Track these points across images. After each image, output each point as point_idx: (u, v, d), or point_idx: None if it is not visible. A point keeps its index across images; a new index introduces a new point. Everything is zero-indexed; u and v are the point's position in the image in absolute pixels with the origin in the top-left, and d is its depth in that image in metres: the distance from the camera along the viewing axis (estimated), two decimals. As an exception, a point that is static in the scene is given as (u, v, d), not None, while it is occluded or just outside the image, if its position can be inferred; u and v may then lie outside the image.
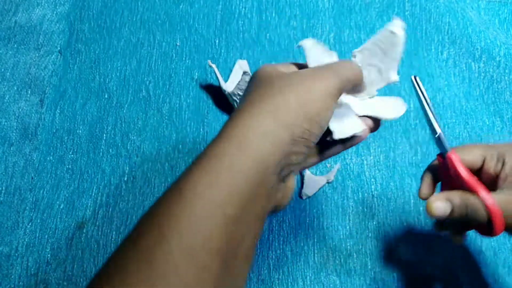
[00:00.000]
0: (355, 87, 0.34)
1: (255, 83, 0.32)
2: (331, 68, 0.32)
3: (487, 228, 0.35)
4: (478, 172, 0.38)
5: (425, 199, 0.40)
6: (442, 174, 0.40)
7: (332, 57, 0.35)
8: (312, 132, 0.30)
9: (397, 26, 0.34)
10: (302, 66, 0.35)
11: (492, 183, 0.37)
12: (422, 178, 0.41)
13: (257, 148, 0.28)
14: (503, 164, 0.37)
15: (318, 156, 0.35)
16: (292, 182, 0.32)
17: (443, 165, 0.39)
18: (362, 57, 0.35)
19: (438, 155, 0.39)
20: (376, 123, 0.35)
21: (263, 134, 0.28)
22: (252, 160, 0.27)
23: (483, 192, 0.34)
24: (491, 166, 0.38)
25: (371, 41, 0.35)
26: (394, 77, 0.35)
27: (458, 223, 0.39)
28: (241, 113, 0.30)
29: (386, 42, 0.34)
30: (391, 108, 0.35)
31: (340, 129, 0.33)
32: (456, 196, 0.35)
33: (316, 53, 0.35)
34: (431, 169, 0.41)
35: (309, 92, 0.29)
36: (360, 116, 0.35)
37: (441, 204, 0.35)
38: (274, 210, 0.32)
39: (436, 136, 0.38)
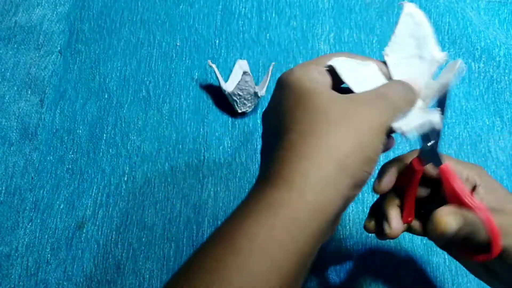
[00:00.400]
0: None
1: (293, 98, 0.28)
2: (385, 97, 0.28)
3: (480, 251, 0.32)
4: (437, 183, 0.36)
5: (380, 193, 0.36)
6: (410, 179, 0.36)
7: (369, 68, 0.32)
8: (370, 173, 0.27)
9: (411, 7, 0.32)
10: (331, 70, 0.31)
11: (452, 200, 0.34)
12: (384, 171, 0.36)
13: (319, 198, 0.25)
14: (474, 187, 0.35)
15: None
16: (339, 220, 0.30)
17: (414, 171, 0.34)
18: (395, 53, 0.33)
19: (416, 158, 0.34)
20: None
21: (326, 180, 0.25)
22: (313, 211, 0.25)
23: (487, 213, 0.31)
24: None
25: (395, 34, 0.33)
26: (439, 54, 0.31)
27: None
28: (294, 151, 0.26)
29: (409, 27, 0.32)
30: (451, 73, 0.31)
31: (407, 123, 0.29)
32: (463, 212, 0.31)
33: (352, 70, 0.31)
34: (397, 165, 0.36)
35: (366, 127, 0.26)
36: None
37: (453, 219, 0.30)
38: None
39: (429, 144, 0.33)
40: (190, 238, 0.51)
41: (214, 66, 0.56)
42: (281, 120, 0.28)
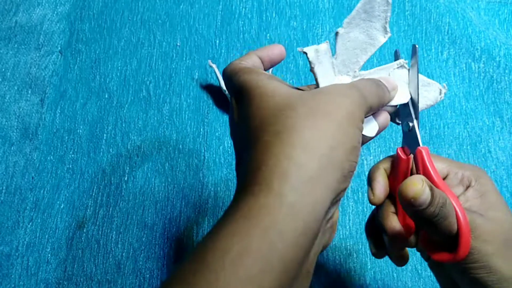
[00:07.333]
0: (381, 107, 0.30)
1: (255, 102, 0.26)
2: (356, 88, 0.27)
3: (447, 246, 0.30)
4: None
5: (378, 203, 0.34)
6: (397, 173, 0.34)
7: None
8: (356, 163, 0.25)
9: None
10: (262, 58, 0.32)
11: None
12: (373, 177, 0.34)
13: (304, 198, 0.23)
14: (467, 187, 0.33)
15: None
16: (337, 214, 0.28)
17: (401, 162, 0.33)
18: (347, 31, 0.31)
19: (400, 147, 0.34)
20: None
21: (311, 177, 0.23)
22: (297, 213, 0.22)
23: (455, 200, 0.29)
24: (452, 185, 0.33)
25: (357, 10, 0.31)
26: (382, 37, 0.31)
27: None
28: (271, 152, 0.24)
29: (367, 4, 0.31)
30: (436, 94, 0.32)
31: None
32: (437, 189, 0.29)
33: (324, 62, 0.31)
34: (384, 166, 0.35)
35: (345, 116, 0.25)
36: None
37: (426, 187, 0.28)
38: (321, 251, 0.27)
39: (411, 125, 0.33)
40: (190, 238, 0.52)
41: (214, 66, 0.56)
42: (248, 128, 0.26)
